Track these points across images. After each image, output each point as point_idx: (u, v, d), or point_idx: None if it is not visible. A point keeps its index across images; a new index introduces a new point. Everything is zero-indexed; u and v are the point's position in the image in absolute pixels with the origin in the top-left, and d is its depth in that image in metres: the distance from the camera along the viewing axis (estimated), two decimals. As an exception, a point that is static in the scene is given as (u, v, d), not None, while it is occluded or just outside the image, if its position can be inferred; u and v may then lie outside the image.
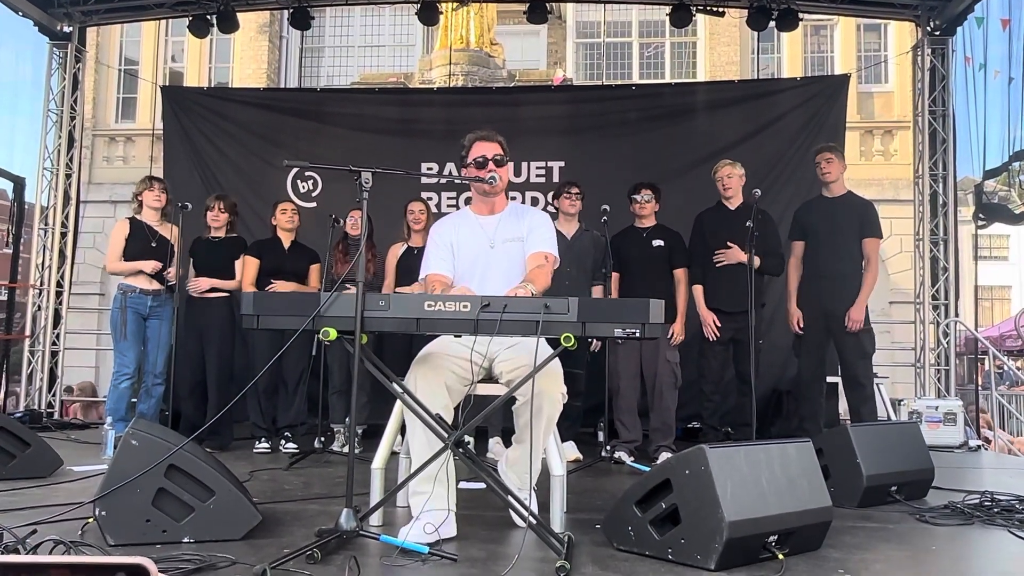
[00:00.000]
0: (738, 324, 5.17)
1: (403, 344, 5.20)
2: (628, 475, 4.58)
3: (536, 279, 3.06)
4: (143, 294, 5.43)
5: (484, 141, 3.32)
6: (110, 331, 5.53)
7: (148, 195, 5.54)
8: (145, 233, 5.48)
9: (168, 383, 5.42)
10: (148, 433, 2.87)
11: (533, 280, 3.03)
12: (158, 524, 2.73)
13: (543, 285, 3.07)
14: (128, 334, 5.38)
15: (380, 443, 3.21)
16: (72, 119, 7.65)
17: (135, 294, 5.42)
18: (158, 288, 5.47)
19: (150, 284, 5.44)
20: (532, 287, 2.95)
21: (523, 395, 2.91)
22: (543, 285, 3.07)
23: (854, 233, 5.23)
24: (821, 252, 5.25)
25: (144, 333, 5.47)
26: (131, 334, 5.39)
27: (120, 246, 5.46)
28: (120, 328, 5.36)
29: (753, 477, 2.61)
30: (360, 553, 2.54)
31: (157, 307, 5.48)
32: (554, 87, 11.51)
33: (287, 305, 2.76)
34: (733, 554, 2.48)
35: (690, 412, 6.15)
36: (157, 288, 5.47)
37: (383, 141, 7.46)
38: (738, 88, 8.19)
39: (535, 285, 2.99)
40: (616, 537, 2.79)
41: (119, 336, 5.38)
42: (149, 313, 5.46)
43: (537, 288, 2.98)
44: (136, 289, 5.42)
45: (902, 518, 3.41)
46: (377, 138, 7.49)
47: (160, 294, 5.48)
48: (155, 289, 5.46)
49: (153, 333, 5.49)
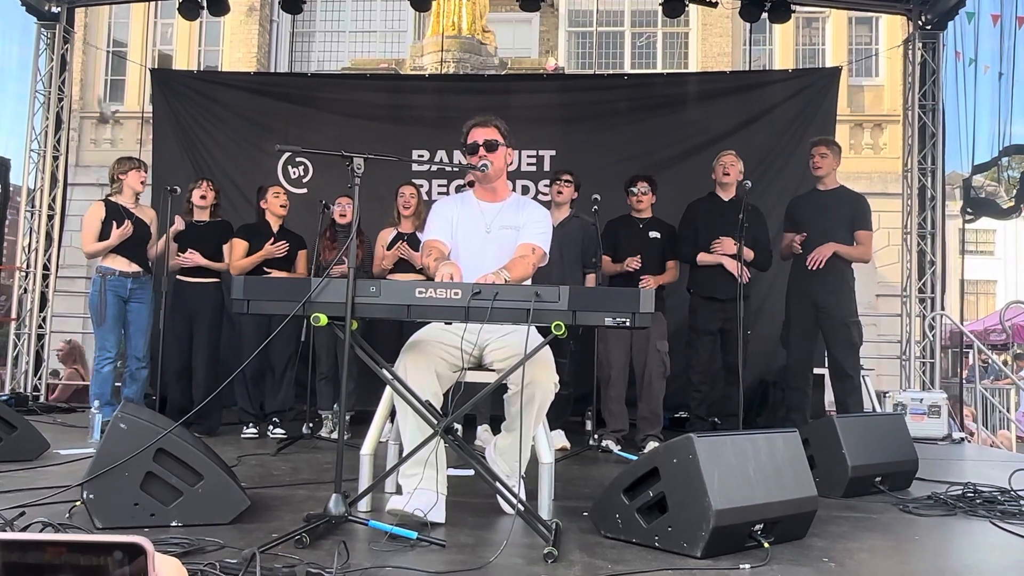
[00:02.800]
0: (727, 314, 5.20)
1: (393, 331, 5.20)
2: (616, 464, 4.60)
3: (514, 268, 3.04)
4: (123, 276, 5.38)
5: (479, 127, 3.31)
6: (89, 315, 5.48)
7: (134, 175, 5.46)
8: (122, 215, 5.39)
9: (155, 367, 5.39)
10: (136, 417, 2.87)
11: (510, 269, 3.01)
12: (146, 508, 2.73)
13: (520, 275, 3.04)
14: (108, 317, 5.32)
15: (369, 429, 3.21)
16: (60, 100, 7.59)
17: (114, 277, 5.37)
18: (138, 271, 5.42)
19: (129, 267, 5.40)
20: (507, 275, 2.93)
21: (515, 384, 2.92)
22: (520, 275, 3.04)
23: (845, 226, 5.26)
24: (812, 244, 5.27)
25: (125, 317, 5.43)
26: (111, 317, 5.34)
27: (96, 228, 5.37)
28: (100, 311, 5.31)
29: (740, 466, 2.63)
30: (349, 538, 2.55)
31: (137, 290, 5.44)
32: (546, 75, 11.49)
33: (278, 290, 2.76)
34: (719, 542, 2.51)
35: (678, 402, 6.18)
36: (137, 270, 5.42)
37: (374, 127, 7.44)
38: (730, 79, 8.21)
39: (511, 274, 2.96)
40: (604, 525, 2.81)
41: (99, 320, 5.33)
42: (129, 296, 5.41)
43: (512, 277, 2.95)
44: (115, 272, 5.37)
45: (886, 508, 3.45)
46: (368, 124, 7.46)
47: (140, 276, 5.44)
48: (135, 271, 5.41)
49: (134, 317, 5.44)
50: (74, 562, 0.62)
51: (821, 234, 5.25)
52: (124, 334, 5.47)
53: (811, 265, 5.14)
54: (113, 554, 0.63)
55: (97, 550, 0.63)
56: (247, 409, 5.49)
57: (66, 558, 0.62)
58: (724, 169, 5.34)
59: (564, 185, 5.36)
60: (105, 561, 0.63)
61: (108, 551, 0.63)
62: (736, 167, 5.35)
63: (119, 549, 0.63)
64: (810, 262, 5.15)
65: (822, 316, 5.23)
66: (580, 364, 5.54)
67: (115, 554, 0.63)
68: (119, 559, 0.63)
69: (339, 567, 2.23)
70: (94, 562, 0.63)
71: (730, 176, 5.33)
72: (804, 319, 5.29)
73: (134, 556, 0.63)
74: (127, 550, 0.63)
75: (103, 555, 0.63)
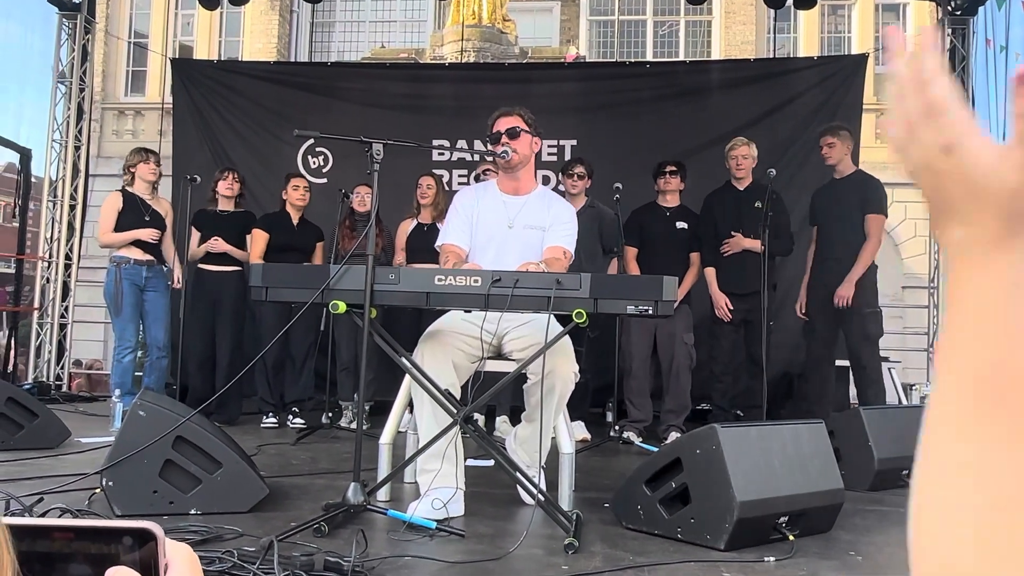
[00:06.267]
0: (749, 305, 5.15)
1: (412, 321, 5.20)
2: (637, 455, 4.57)
3: (551, 267, 3.02)
4: (138, 265, 5.39)
5: (503, 116, 3.26)
6: (106, 305, 5.49)
7: (144, 168, 5.47)
8: (139, 206, 5.41)
9: (176, 356, 5.42)
10: (156, 404, 2.88)
11: (549, 267, 3.00)
12: (165, 495, 2.74)
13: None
14: (125, 306, 5.32)
15: (388, 419, 3.20)
16: (81, 91, 7.63)
17: (129, 265, 5.36)
18: (151, 259, 5.44)
19: (144, 255, 5.41)
20: (546, 269, 2.92)
21: (534, 374, 2.90)
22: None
23: (859, 212, 5.16)
24: (829, 234, 5.21)
25: (143, 306, 5.45)
26: (128, 307, 5.34)
27: (113, 219, 5.38)
28: (116, 301, 5.30)
29: (765, 457, 2.59)
30: (367, 527, 2.54)
31: (152, 278, 5.44)
32: (567, 64, 11.42)
33: (296, 277, 2.75)
34: (743, 534, 2.47)
35: (700, 394, 6.10)
36: (151, 259, 5.43)
37: (393, 117, 7.41)
38: (754, 67, 8.11)
39: (550, 270, 2.95)
40: (625, 516, 2.78)
41: (116, 310, 5.33)
42: (145, 284, 5.42)
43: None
44: (131, 260, 5.37)
45: (914, 502, 3.40)
46: (388, 114, 7.44)
47: (154, 265, 5.45)
48: (148, 260, 5.42)
49: (151, 306, 5.45)
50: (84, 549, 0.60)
51: (835, 223, 5.17)
52: (143, 324, 5.49)
53: (839, 303, 5.05)
54: (123, 540, 0.61)
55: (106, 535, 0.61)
56: (267, 399, 5.50)
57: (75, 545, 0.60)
58: (736, 162, 5.29)
59: (576, 179, 5.30)
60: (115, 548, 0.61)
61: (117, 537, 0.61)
62: (749, 157, 5.29)
63: (128, 535, 0.61)
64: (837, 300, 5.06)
65: (841, 307, 5.16)
66: (600, 354, 5.50)
67: (124, 540, 0.61)
68: (129, 545, 0.61)
69: (358, 556, 2.21)
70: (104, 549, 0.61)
71: (744, 168, 5.29)
72: (823, 309, 5.22)
73: (144, 542, 0.61)
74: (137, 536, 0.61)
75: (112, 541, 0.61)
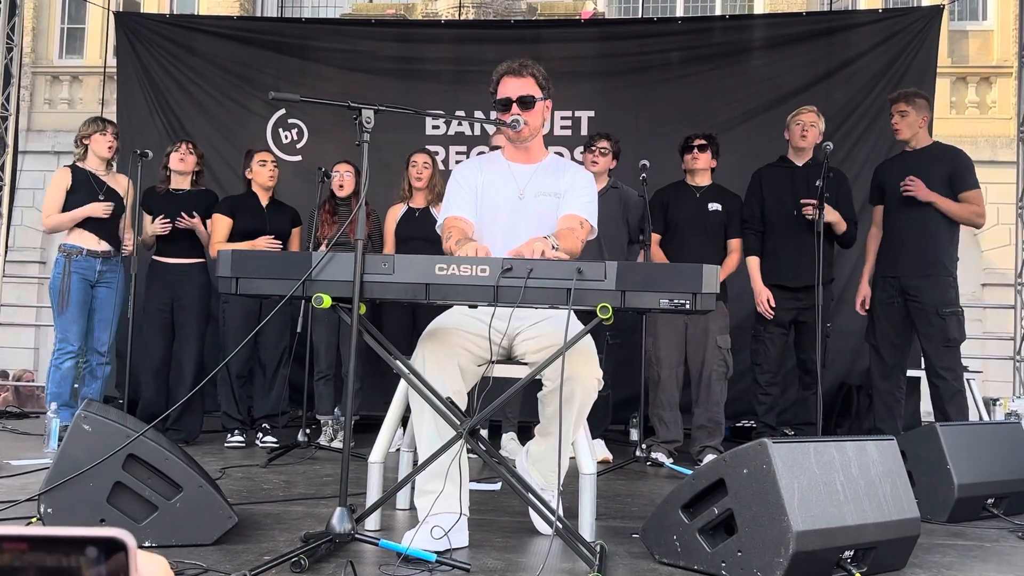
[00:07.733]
0: (802, 303, 5.16)
1: (405, 319, 5.21)
2: (667, 479, 4.59)
3: (564, 239, 3.02)
4: (91, 256, 5.42)
5: (512, 76, 3.23)
6: (50, 301, 5.51)
7: (99, 139, 5.50)
8: (91, 184, 5.44)
9: (123, 364, 5.43)
10: (103, 417, 2.88)
11: (561, 238, 3.00)
12: (115, 524, 2.74)
13: (570, 249, 3.02)
14: (72, 303, 5.35)
15: (379, 435, 3.21)
16: (9, 52, 7.63)
17: (81, 256, 5.40)
18: (108, 250, 5.46)
19: (99, 244, 5.43)
20: (556, 243, 2.92)
21: (551, 379, 2.90)
22: (570, 249, 3.02)
23: (944, 188, 5.10)
24: (900, 217, 5.15)
25: (91, 303, 5.47)
26: (76, 304, 5.37)
27: (60, 198, 5.41)
28: (63, 297, 5.33)
29: (825, 480, 2.59)
30: (356, 560, 2.54)
31: (107, 272, 5.48)
32: (583, 21, 11.43)
33: (273, 266, 2.73)
34: (801, 571, 2.47)
35: (740, 408, 6.14)
36: (107, 250, 5.46)
37: (380, 83, 7.41)
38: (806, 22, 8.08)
39: (562, 243, 2.96)
40: (658, 548, 2.79)
41: (61, 307, 5.36)
42: (97, 279, 5.45)
43: (562, 248, 2.94)
44: (83, 251, 5.41)
45: (1001, 535, 3.41)
46: (373, 79, 7.44)
47: (111, 257, 5.48)
48: (104, 251, 5.45)
49: (101, 304, 5.48)
50: (39, 562, 0.61)
51: (909, 204, 5.12)
52: (88, 324, 5.50)
53: (904, 190, 4.98)
54: (86, 551, 0.61)
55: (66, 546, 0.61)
56: (232, 414, 5.52)
57: (29, 558, 0.60)
58: (803, 129, 5.27)
59: (599, 155, 5.32)
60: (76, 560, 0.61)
61: (80, 547, 0.61)
62: (817, 127, 5.30)
63: (93, 544, 0.61)
64: (904, 187, 4.99)
65: (912, 305, 5.11)
66: (623, 362, 5.52)
67: (88, 551, 0.61)
68: (93, 557, 0.61)
69: (345, 594, 2.22)
70: (63, 562, 0.61)
71: (807, 138, 5.28)
72: (891, 308, 5.19)
73: (111, 553, 0.61)
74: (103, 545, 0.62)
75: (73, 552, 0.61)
